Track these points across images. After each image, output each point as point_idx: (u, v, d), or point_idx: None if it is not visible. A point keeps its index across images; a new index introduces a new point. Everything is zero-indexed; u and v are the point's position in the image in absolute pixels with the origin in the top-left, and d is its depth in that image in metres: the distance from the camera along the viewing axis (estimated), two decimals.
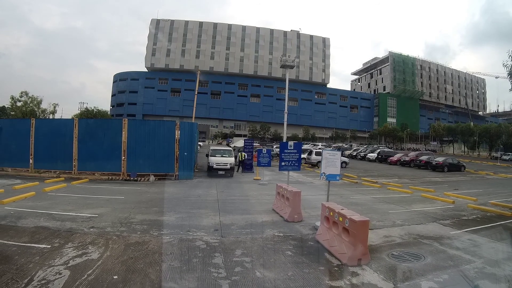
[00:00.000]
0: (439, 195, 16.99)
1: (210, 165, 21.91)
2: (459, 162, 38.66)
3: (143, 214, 10.33)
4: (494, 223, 11.51)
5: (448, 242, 8.67)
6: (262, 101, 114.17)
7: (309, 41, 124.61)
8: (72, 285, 5.26)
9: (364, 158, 49.95)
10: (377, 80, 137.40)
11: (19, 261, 6.12)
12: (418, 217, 11.71)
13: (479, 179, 29.45)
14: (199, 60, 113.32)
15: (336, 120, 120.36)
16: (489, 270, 6.71)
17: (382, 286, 5.76)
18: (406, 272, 6.47)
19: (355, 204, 13.54)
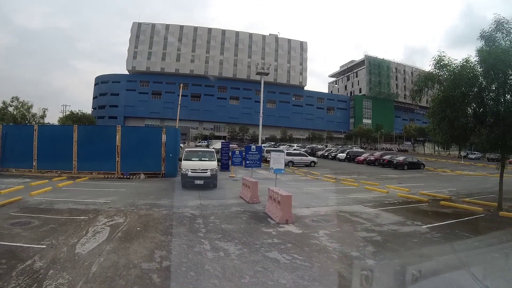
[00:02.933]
0: (381, 187, 20.83)
1: (184, 172, 17.66)
2: (418, 160, 42.79)
3: (144, 200, 13.89)
4: (406, 205, 15.44)
5: (358, 214, 12.56)
6: (241, 103, 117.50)
7: (287, 44, 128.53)
8: (114, 231, 8.92)
9: (335, 158, 53.51)
10: (354, 82, 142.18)
11: (72, 225, 9.64)
12: (349, 201, 15.62)
13: (432, 176, 33.56)
14: (180, 63, 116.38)
15: (313, 122, 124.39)
16: (371, 228, 10.60)
17: (294, 231, 9.59)
18: (314, 227, 10.30)
19: (306, 193, 17.52)
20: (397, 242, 9.24)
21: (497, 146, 14.41)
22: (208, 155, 19.76)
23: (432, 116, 15.63)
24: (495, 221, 12.83)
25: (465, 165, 51.08)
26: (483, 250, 8.79)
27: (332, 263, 7.17)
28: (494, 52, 13.23)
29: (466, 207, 15.49)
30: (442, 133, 15.07)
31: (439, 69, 14.56)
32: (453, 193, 20.31)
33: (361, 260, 7.47)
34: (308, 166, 37.91)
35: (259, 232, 9.40)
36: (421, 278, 6.65)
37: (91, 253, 7.23)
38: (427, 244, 9.15)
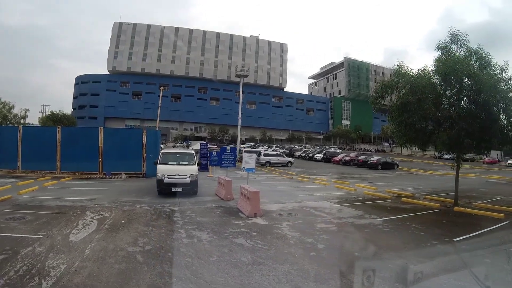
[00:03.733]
0: (350, 186, 22.30)
1: (160, 178, 15.81)
2: (392, 161, 44.80)
3: (126, 197, 15.01)
4: (369, 201, 16.94)
5: (322, 209, 13.96)
6: (221, 104, 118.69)
7: (268, 46, 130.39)
8: (102, 223, 10.08)
9: (312, 158, 55.17)
10: (333, 84, 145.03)
11: (63, 219, 10.73)
12: (317, 198, 17.01)
13: (404, 175, 35.42)
14: (160, 64, 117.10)
15: (292, 123, 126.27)
16: (331, 220, 12.02)
17: (260, 223, 10.92)
18: (279, 219, 11.63)
19: (278, 191, 18.90)
20: (349, 231, 10.68)
21: (453, 147, 16.03)
22: (188, 158, 17.71)
23: (391, 121, 17.23)
24: (447, 215, 14.28)
25: (439, 165, 53.40)
26: (424, 238, 10.21)
27: (288, 247, 8.52)
28: (448, 62, 14.75)
29: (425, 203, 16.96)
30: (400, 136, 16.65)
31: (398, 77, 15.97)
32: (418, 191, 21.86)
33: (313, 244, 8.82)
34: (285, 166, 39.34)
35: (230, 224, 10.68)
36: (361, 259, 8.00)
37: (83, 240, 8.40)
38: (376, 233, 10.59)
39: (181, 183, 15.74)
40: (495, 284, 6.32)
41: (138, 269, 6.63)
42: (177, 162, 17.21)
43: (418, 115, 15.15)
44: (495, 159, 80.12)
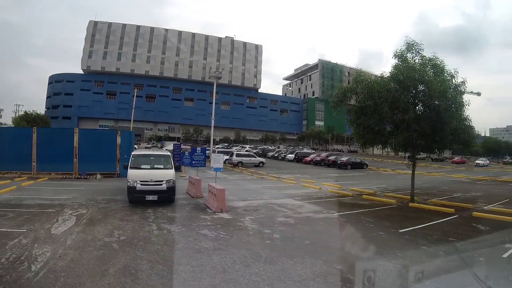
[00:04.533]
0: (316, 185, 23.54)
1: (131, 185, 13.92)
2: (361, 161, 46.46)
3: (101, 196, 15.81)
4: (331, 199, 18.26)
5: (284, 205, 15.19)
6: (195, 105, 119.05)
7: (243, 47, 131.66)
8: (80, 219, 11.03)
9: (284, 158, 56.49)
10: (307, 85, 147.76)
11: (44, 215, 11.60)
12: (282, 196, 18.25)
13: (372, 174, 37.19)
14: (135, 63, 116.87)
15: (266, 123, 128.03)
16: (290, 215, 13.23)
17: (225, 217, 12.04)
18: (243, 214, 12.79)
19: (246, 190, 20.13)
20: (305, 224, 11.87)
21: (408, 147, 17.48)
22: (163, 161, 15.81)
23: (350, 123, 18.63)
24: (401, 210, 15.68)
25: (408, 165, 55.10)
26: (372, 229, 11.51)
27: (247, 236, 9.71)
28: (403, 70, 16.15)
29: (383, 199, 18.34)
30: (359, 137, 18.07)
31: (357, 83, 17.27)
32: (381, 189, 23.26)
33: (269, 234, 10.03)
34: (256, 166, 40.46)
35: (197, 218, 11.77)
36: (311, 245, 9.19)
37: (64, 233, 9.36)
38: (329, 226, 11.91)
39: (156, 190, 13.97)
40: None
41: (114, 254, 7.67)
42: (151, 165, 15.28)
43: (374, 118, 16.46)
44: (463, 159, 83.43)
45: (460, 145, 18.06)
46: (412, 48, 16.78)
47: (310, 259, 7.77)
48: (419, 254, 8.91)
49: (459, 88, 16.23)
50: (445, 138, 16.37)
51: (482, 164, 65.96)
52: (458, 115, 15.96)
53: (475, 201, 19.05)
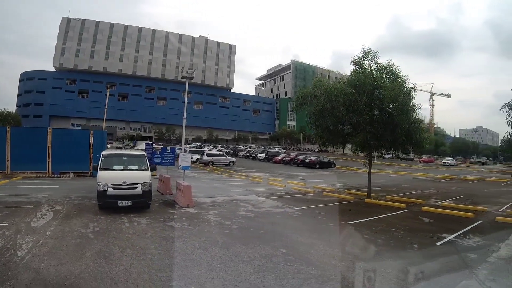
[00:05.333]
0: (281, 183, 24.94)
1: (101, 188, 12.67)
2: (330, 160, 48.05)
3: (75, 194, 16.63)
4: (293, 195, 19.60)
5: (248, 201, 16.47)
6: (168, 104, 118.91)
7: (216, 47, 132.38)
8: (57, 214, 12.02)
9: (255, 158, 57.75)
10: (280, 85, 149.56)
11: (22, 211, 12.47)
12: (247, 193, 19.54)
13: (339, 173, 38.67)
14: (108, 62, 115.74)
15: (239, 123, 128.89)
16: (251, 209, 14.51)
17: (191, 211, 13.22)
18: (208, 209, 14.00)
19: (214, 187, 21.34)
20: (263, 217, 13.16)
21: (364, 147, 18.71)
22: (138, 161, 14.51)
23: (309, 124, 20.09)
24: (356, 206, 17.07)
25: (376, 164, 56.97)
26: (323, 221, 12.89)
27: (208, 227, 10.95)
28: (359, 76, 17.61)
29: (342, 196, 19.70)
30: (318, 137, 19.56)
31: (316, 87, 18.69)
32: (344, 186, 24.66)
33: (229, 225, 11.28)
34: (227, 166, 41.63)
35: (166, 212, 12.89)
36: (264, 234, 10.45)
37: (44, 226, 10.34)
38: (284, 218, 13.18)
39: (131, 194, 12.79)
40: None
41: (90, 242, 8.77)
42: (124, 166, 13.99)
43: (332, 120, 17.91)
44: (431, 158, 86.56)
45: (412, 145, 19.59)
46: (368, 55, 18.06)
47: (261, 245, 9.06)
48: (359, 241, 10.28)
49: (410, 94, 17.73)
50: (397, 139, 17.71)
51: (449, 164, 68.61)
52: (409, 118, 17.28)
53: (430, 198, 20.51)
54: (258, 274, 6.89)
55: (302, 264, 7.69)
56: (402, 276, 7.26)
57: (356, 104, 17.50)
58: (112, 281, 6.33)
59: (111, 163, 13.93)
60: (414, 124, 17.75)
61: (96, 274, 6.66)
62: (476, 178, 37.41)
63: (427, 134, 19.72)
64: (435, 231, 11.97)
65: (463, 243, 10.55)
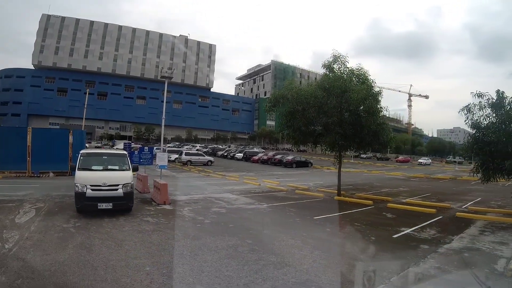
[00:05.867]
0: (256, 181, 25.87)
1: (79, 190, 12.01)
2: (306, 159, 49.40)
3: (56, 192, 17.14)
4: (266, 193, 20.60)
5: (222, 199, 17.37)
6: (148, 103, 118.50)
7: (196, 47, 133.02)
8: (39, 211, 12.70)
9: (233, 157, 58.75)
10: (259, 85, 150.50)
11: (5, 209, 12.98)
12: (222, 191, 20.41)
13: (315, 172, 40.05)
14: (87, 60, 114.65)
15: (218, 123, 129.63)
16: (225, 206, 15.41)
17: (167, 208, 14.05)
18: (183, 206, 14.84)
19: (191, 186, 22.14)
20: (235, 213, 14.08)
21: (333, 147, 19.80)
22: (119, 161, 13.90)
23: (281, 125, 21.09)
24: (325, 202, 18.05)
25: (353, 164, 58.51)
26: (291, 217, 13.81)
27: (182, 222, 11.83)
28: (328, 79, 18.68)
29: (313, 194, 20.73)
30: (290, 137, 20.57)
31: (288, 90, 19.65)
32: (317, 185, 25.57)
33: (202, 220, 12.19)
34: (205, 165, 42.42)
35: (143, 209, 13.65)
36: (233, 227, 11.34)
37: (27, 222, 11.02)
38: (255, 214, 14.11)
39: (111, 196, 12.19)
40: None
41: (72, 235, 9.53)
42: (104, 166, 13.39)
43: (303, 121, 18.92)
44: (407, 158, 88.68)
45: (379, 145, 20.71)
46: (338, 59, 19.11)
47: (229, 237, 9.99)
48: (320, 233, 11.22)
49: (377, 97, 18.83)
50: (364, 139, 18.78)
51: (424, 163, 70.30)
52: (375, 119, 18.30)
53: (398, 195, 21.65)
54: (223, 261, 7.80)
55: (264, 253, 8.60)
56: (354, 263, 8.18)
57: (326, 106, 18.42)
58: (93, 267, 7.13)
59: (90, 163, 13.22)
60: (380, 125, 18.79)
61: (78, 261, 7.45)
62: (448, 177, 38.80)
63: (393, 135, 20.83)
64: (395, 225, 12.88)
65: (419, 236, 11.46)
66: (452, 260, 9.02)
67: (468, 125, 14.78)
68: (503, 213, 15.74)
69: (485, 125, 13.88)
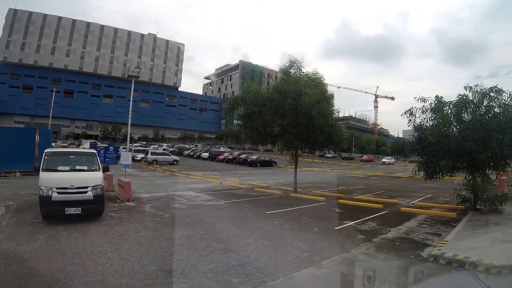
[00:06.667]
0: (219, 180, 27.15)
1: (44, 194, 11.05)
2: (270, 159, 50.90)
3: (24, 191, 17.61)
4: (226, 191, 21.86)
5: (183, 196, 18.54)
6: (114, 102, 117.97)
7: (165, 45, 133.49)
8: (9, 208, 13.54)
9: (199, 157, 59.85)
10: (227, 85, 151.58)
11: None
12: (185, 189, 21.56)
13: (278, 171, 41.28)
14: (54, 56, 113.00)
15: (185, 122, 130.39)
16: (185, 202, 16.57)
17: (130, 205, 15.14)
18: (146, 203, 15.94)
19: (155, 184, 23.29)
20: (193, 208, 15.28)
21: (289, 147, 21.41)
22: (87, 161, 12.99)
23: (240, 126, 22.35)
24: (280, 199, 19.44)
25: (317, 163, 60.31)
26: (244, 212, 15.07)
27: (143, 216, 13.01)
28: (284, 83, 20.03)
29: (271, 191, 22.06)
30: (248, 138, 21.98)
31: (246, 93, 20.85)
32: (278, 183, 26.85)
33: (161, 215, 13.35)
34: (171, 164, 43.43)
35: (107, 206, 14.23)
36: (189, 221, 12.53)
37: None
38: (212, 209, 15.37)
39: (80, 200, 11.22)
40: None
41: (41, 229, 10.48)
42: (71, 167, 12.40)
43: (259, 122, 20.18)
44: (371, 157, 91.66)
45: (332, 145, 22.24)
46: (294, 64, 20.64)
47: (184, 228, 11.23)
48: (268, 225, 12.51)
49: (330, 100, 20.26)
50: (318, 140, 20.23)
51: (388, 162, 72.85)
52: (327, 121, 19.56)
53: (352, 192, 23.08)
54: (176, 248, 9.04)
55: (213, 241, 9.89)
56: (292, 249, 9.50)
57: (282, 109, 19.70)
58: (61, 254, 8.23)
59: (55, 163, 12.19)
60: (333, 126, 20.26)
61: (48, 250, 8.53)
62: (407, 175, 39.96)
63: (346, 135, 22.39)
64: (339, 219, 14.19)
65: (359, 227, 12.73)
66: (382, 248, 10.02)
67: (411, 127, 16.35)
68: (446, 208, 16.92)
69: (426, 127, 15.26)
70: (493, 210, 14.52)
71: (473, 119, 14.02)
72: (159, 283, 6.72)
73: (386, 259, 9.04)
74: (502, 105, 13.93)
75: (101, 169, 12.91)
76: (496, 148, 13.31)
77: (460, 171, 15.27)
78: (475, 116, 14.07)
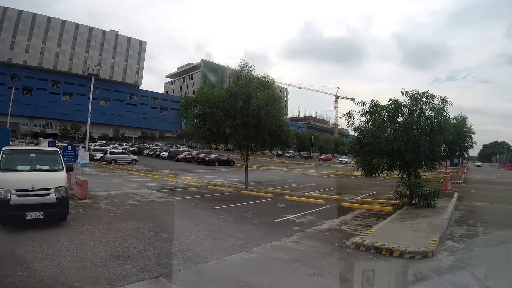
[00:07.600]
0: (175, 179, 28.16)
1: (2, 197, 10.04)
2: (228, 158, 52.14)
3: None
4: (180, 189, 22.97)
5: (138, 194, 19.61)
6: (74, 100, 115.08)
7: (127, 43, 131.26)
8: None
9: (159, 156, 60.65)
10: (189, 84, 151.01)
11: None
12: (141, 187, 22.54)
13: (235, 170, 42.28)
14: (13, 52, 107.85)
15: (146, 121, 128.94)
16: (139, 199, 17.73)
17: (87, 202, 16.16)
18: (102, 200, 16.97)
19: (112, 183, 24.13)
20: (147, 204, 16.38)
21: (240, 146, 22.64)
22: (49, 160, 12.16)
23: (193, 127, 23.44)
24: (230, 196, 20.63)
25: (276, 162, 61.83)
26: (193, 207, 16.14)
27: (99, 212, 14.15)
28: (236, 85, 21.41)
29: (224, 189, 23.31)
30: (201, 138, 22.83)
31: (199, 95, 21.94)
32: (232, 181, 27.92)
33: (116, 211, 14.50)
34: (130, 164, 44.15)
35: None
36: (141, 215, 13.61)
37: None
38: (164, 205, 16.49)
39: (42, 203, 10.42)
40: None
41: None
42: (31, 166, 11.44)
43: (211, 123, 21.43)
44: (329, 156, 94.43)
45: (280, 144, 23.72)
46: (245, 68, 21.93)
47: (135, 222, 12.41)
48: (213, 219, 13.70)
49: (278, 102, 21.74)
50: (266, 140, 21.74)
51: (345, 161, 75.00)
52: (274, 122, 20.92)
53: (301, 190, 24.35)
54: (126, 238, 10.26)
55: (160, 232, 11.13)
56: (228, 238, 10.69)
57: (233, 110, 20.93)
58: (22, 244, 9.21)
59: (14, 162, 11.18)
60: (281, 127, 21.77)
61: (10, 240, 9.57)
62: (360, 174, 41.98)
63: (293, 136, 23.78)
64: (281, 213, 15.27)
65: (297, 220, 13.82)
66: (311, 237, 10.96)
67: (351, 128, 18.01)
68: (386, 203, 18.19)
69: (362, 129, 16.74)
70: (427, 204, 16.01)
71: (403, 121, 15.74)
72: (108, 265, 7.85)
73: (312, 246, 10.05)
74: (434, 109, 15.61)
75: (65, 169, 12.12)
76: (425, 148, 14.95)
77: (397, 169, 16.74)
78: (406, 118, 15.76)
